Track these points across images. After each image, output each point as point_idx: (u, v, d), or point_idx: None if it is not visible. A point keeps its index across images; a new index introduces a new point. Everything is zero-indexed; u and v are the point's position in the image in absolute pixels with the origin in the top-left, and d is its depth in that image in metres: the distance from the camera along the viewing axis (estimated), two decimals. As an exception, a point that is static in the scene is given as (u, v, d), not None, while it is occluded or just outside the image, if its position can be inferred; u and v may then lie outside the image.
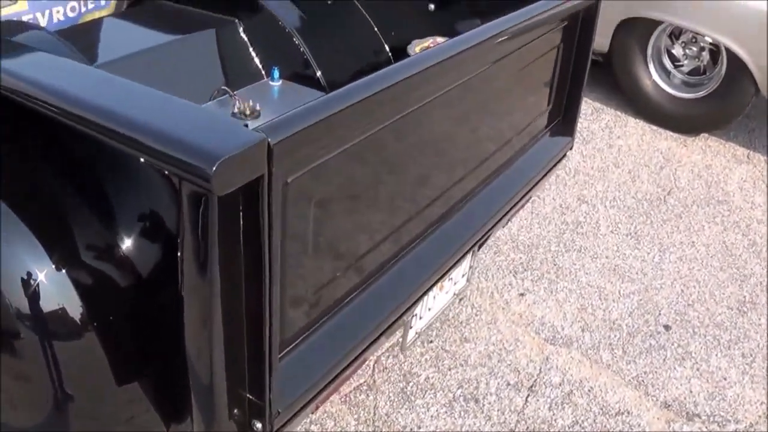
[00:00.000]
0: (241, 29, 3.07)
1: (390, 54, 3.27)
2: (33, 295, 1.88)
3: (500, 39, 2.36)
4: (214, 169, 1.40)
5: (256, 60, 3.06)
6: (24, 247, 1.90)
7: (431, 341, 3.49)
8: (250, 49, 3.07)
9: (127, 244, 1.98)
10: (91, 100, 1.71)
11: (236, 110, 2.64)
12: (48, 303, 1.89)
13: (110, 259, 1.97)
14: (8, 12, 3.23)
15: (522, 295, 3.88)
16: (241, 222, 1.59)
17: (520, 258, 4.13)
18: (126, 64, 2.74)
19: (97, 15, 3.48)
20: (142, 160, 1.61)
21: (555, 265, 4.11)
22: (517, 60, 2.65)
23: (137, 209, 2.03)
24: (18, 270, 1.89)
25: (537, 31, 2.65)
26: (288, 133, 1.58)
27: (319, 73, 3.01)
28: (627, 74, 5.62)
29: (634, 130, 5.58)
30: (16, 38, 2.56)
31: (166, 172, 1.76)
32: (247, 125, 1.57)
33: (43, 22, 3.32)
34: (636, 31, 5.47)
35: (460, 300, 3.65)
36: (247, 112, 2.63)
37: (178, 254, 1.67)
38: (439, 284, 2.55)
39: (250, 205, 1.58)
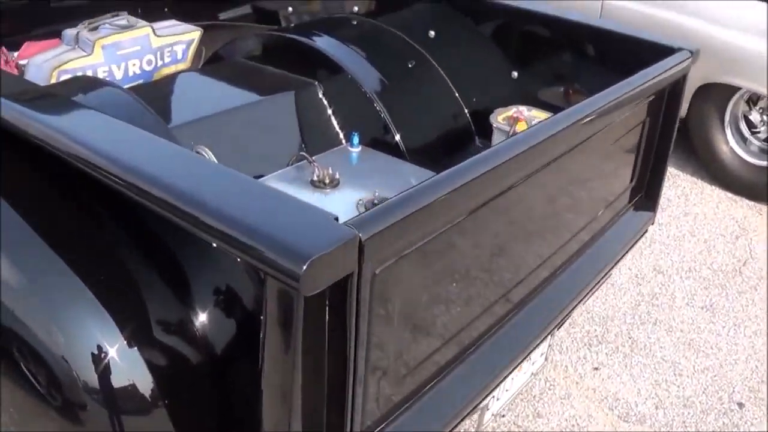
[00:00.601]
0: (320, 92, 3.01)
1: (470, 120, 3.19)
2: (104, 371, 1.80)
3: (597, 116, 2.26)
4: (303, 269, 1.32)
5: (335, 123, 3.00)
6: (95, 321, 1.82)
7: (503, 415, 3.36)
8: (329, 112, 3.00)
9: (201, 320, 1.90)
10: (171, 182, 1.63)
11: (315, 177, 2.57)
12: (119, 379, 1.81)
13: (183, 336, 1.89)
14: (84, 64, 3.23)
15: (596, 369, 3.74)
16: (327, 314, 1.50)
17: (595, 330, 3.99)
18: (202, 126, 2.71)
19: (173, 69, 3.46)
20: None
21: (630, 338, 3.97)
22: (604, 135, 2.56)
23: (213, 284, 1.95)
24: (89, 345, 1.81)
25: (628, 106, 2.55)
26: (379, 228, 1.49)
27: (398, 137, 2.94)
28: (703, 140, 5.48)
29: (710, 197, 5.42)
30: (89, 96, 2.52)
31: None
32: (337, 219, 1.48)
33: (118, 75, 3.31)
34: (714, 96, 5.33)
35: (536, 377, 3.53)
36: (326, 180, 2.56)
37: (261, 339, 1.58)
38: (518, 366, 2.44)
39: (336, 299, 1.49)
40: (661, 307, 4.25)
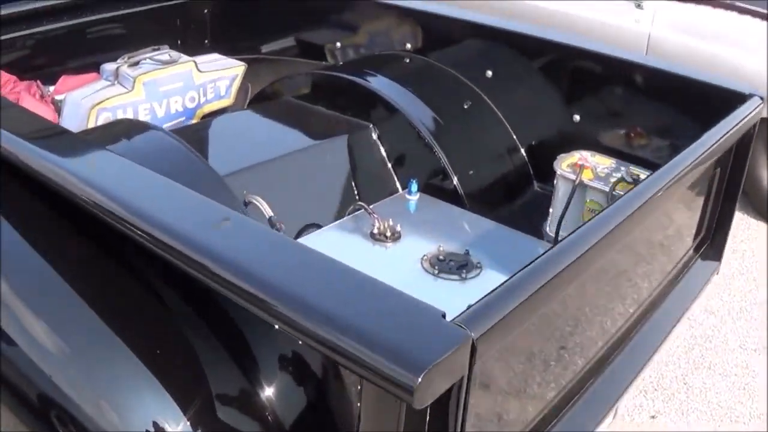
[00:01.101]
0: (375, 134, 2.89)
1: (528, 163, 3.05)
2: None
3: (686, 171, 2.12)
4: (418, 381, 1.16)
5: (390, 167, 2.87)
6: (153, 398, 1.67)
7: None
8: (384, 156, 2.88)
9: (269, 398, 1.74)
10: (255, 271, 1.45)
11: (375, 230, 2.45)
12: None
13: (250, 417, 1.73)
14: (124, 101, 3.11)
15: (653, 417, 3.61)
16: (428, 418, 1.34)
17: (651, 376, 3.85)
18: (254, 174, 2.58)
19: (216, 106, 3.34)
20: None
21: (685, 383, 3.83)
22: (678, 189, 2.43)
23: (282, 358, 1.80)
24: (146, 424, 1.66)
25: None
26: (491, 323, 1.34)
27: (455, 181, 2.80)
28: (749, 175, 5.30)
29: (757, 233, 5.26)
30: (135, 142, 2.41)
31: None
32: (444, 315, 1.32)
33: (160, 113, 3.19)
34: (758, 131, 5.16)
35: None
36: (388, 234, 2.44)
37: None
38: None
39: (440, 403, 1.32)
40: (715, 350, 4.10)
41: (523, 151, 3.07)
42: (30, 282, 1.84)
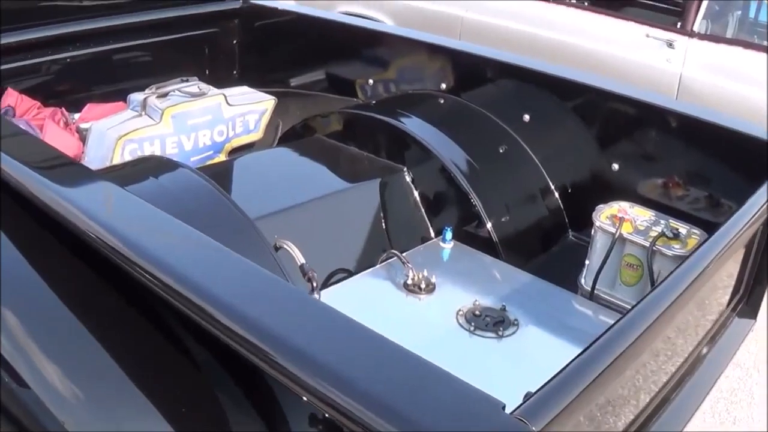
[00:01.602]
0: (408, 178, 2.81)
1: (564, 211, 2.98)
2: None
3: (741, 235, 2.05)
4: None
5: (424, 212, 2.80)
6: None
7: None
8: (418, 201, 2.81)
9: None
10: (295, 344, 1.36)
11: (409, 281, 2.37)
12: None
13: None
14: (151, 133, 3.05)
15: (679, 474, 3.49)
16: None
17: (677, 432, 3.75)
18: (285, 218, 2.51)
19: (245, 140, 3.28)
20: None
21: (711, 440, 3.72)
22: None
23: (316, 423, 1.71)
24: None
25: None
26: (553, 414, 1.26)
27: (489, 227, 2.73)
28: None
29: (785, 283, 5.16)
30: (162, 181, 2.34)
31: None
32: (504, 407, 1.23)
33: (188, 146, 3.13)
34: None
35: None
36: (422, 285, 2.36)
37: None
38: None
39: None
40: (740, 404, 4.00)
41: (558, 198, 2.99)
42: (48, 325, 1.77)
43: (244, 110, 3.28)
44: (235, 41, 4.03)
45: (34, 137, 2.58)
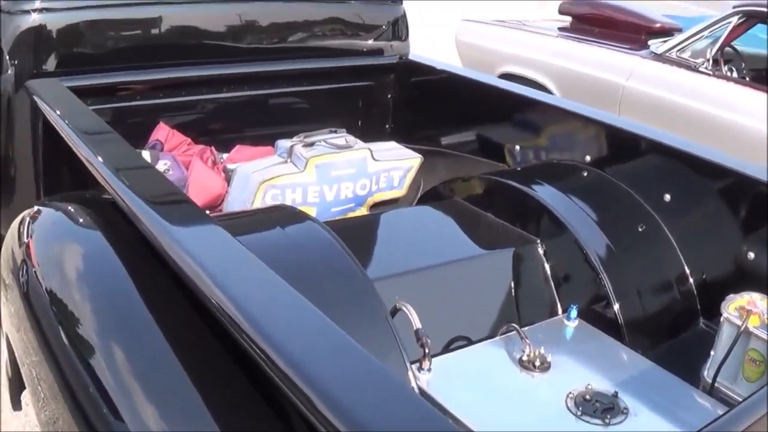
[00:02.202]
0: (540, 250, 2.71)
1: (697, 297, 2.81)
2: None
3: None
4: None
5: (552, 287, 2.69)
6: None
7: None
8: (547, 274, 2.70)
9: None
10: None
11: (525, 357, 2.26)
12: None
13: None
14: (293, 180, 3.05)
15: None
16: None
17: None
18: (409, 281, 2.45)
19: (387, 196, 3.24)
20: None
21: None
22: None
23: None
24: None
25: None
26: None
27: (616, 308, 2.59)
28: None
29: None
30: (287, 232, 2.32)
31: None
32: None
33: (329, 197, 3.11)
34: None
35: None
36: (537, 363, 2.25)
37: None
38: None
39: None
40: None
41: (692, 283, 2.82)
42: (151, 366, 1.77)
43: (389, 166, 3.24)
44: (389, 95, 4.02)
45: (160, 173, 2.61)
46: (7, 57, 3.13)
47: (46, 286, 2.12)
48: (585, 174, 3.04)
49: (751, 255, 2.75)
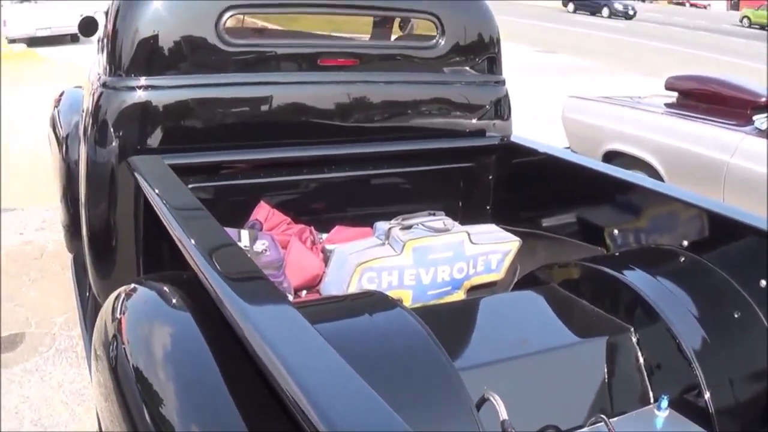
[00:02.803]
0: (634, 339, 2.65)
1: None
2: None
3: None
4: None
5: (644, 376, 2.62)
6: None
7: None
8: (641, 364, 2.63)
9: None
10: None
11: None
12: None
13: None
14: (391, 263, 3.07)
15: None
16: None
17: None
18: (498, 370, 2.43)
19: (485, 279, 3.23)
20: None
21: None
22: None
23: None
24: None
25: None
26: None
27: (707, 396, 2.50)
28: None
29: None
30: (375, 317, 2.32)
31: None
32: None
33: (425, 280, 3.12)
34: None
35: None
36: None
37: None
38: None
39: None
40: None
41: None
42: None
43: (487, 249, 3.22)
44: (490, 176, 4.01)
45: (246, 255, 2.65)
46: (112, 130, 3.24)
47: (133, 363, 2.17)
48: (681, 259, 2.98)
49: None
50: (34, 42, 20.25)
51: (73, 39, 21.30)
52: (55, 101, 5.56)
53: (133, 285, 2.60)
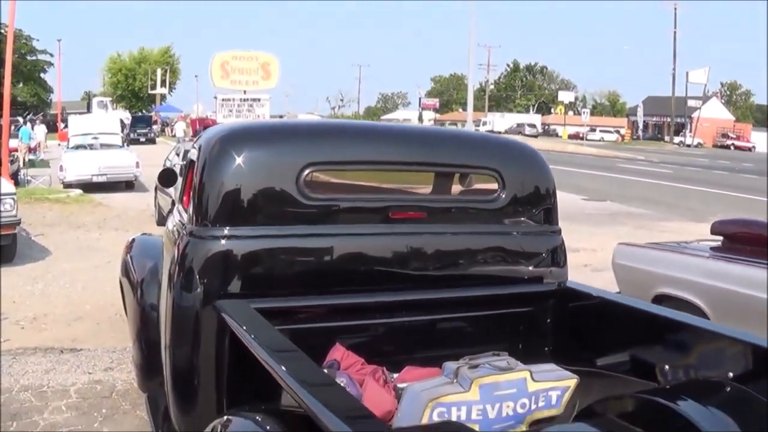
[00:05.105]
0: None
1: None
2: None
3: None
4: None
5: None
6: None
7: None
8: None
9: None
10: None
11: None
12: None
13: None
14: (459, 399, 3.33)
15: None
16: None
17: None
18: None
19: (545, 414, 3.46)
20: None
21: None
22: None
23: None
24: None
25: None
26: None
27: None
28: None
29: None
30: None
31: None
32: None
33: (491, 415, 3.35)
34: None
35: None
36: None
37: None
38: None
39: None
40: None
41: None
42: None
43: (548, 386, 3.45)
44: (548, 320, 4.27)
45: (346, 391, 2.93)
46: (197, 277, 3.58)
47: None
48: (728, 389, 3.18)
49: None
50: (89, 188, 21.11)
51: (127, 186, 22.12)
52: (126, 248, 5.97)
53: (226, 417, 2.89)
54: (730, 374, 3.29)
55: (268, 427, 2.71)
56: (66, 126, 30.57)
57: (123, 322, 7.20)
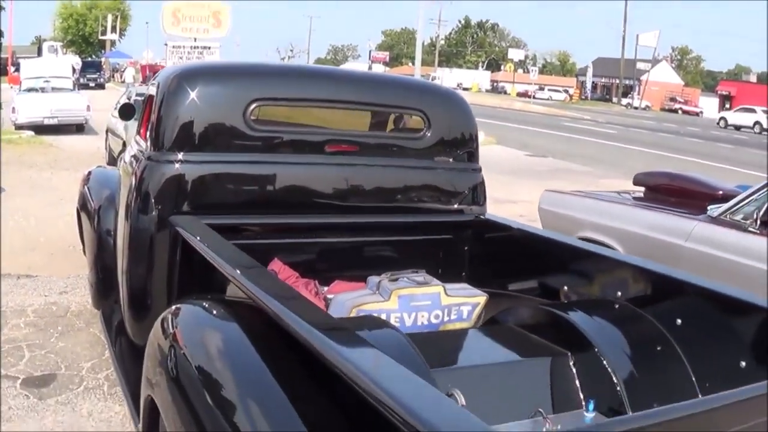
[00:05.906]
0: (570, 362, 3.28)
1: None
2: None
3: None
4: None
5: (579, 391, 3.22)
6: None
7: None
8: (576, 382, 3.24)
9: None
10: None
11: (544, 430, 2.89)
12: None
13: None
14: (379, 307, 3.73)
15: None
16: None
17: None
18: (459, 374, 3.12)
19: (457, 326, 3.87)
20: None
21: None
22: None
23: None
24: None
25: None
26: None
27: (629, 414, 3.04)
28: None
29: None
30: (373, 333, 2.98)
31: None
32: None
33: (408, 323, 3.76)
34: None
35: None
36: None
37: None
38: None
39: None
40: None
41: (699, 392, 3.24)
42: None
43: (460, 301, 3.88)
44: (466, 248, 4.72)
45: (281, 281, 3.52)
46: (153, 200, 3.98)
47: (195, 363, 2.83)
48: (616, 306, 3.62)
49: (743, 364, 3.19)
50: (41, 130, 21.23)
51: (78, 129, 22.18)
52: (83, 180, 6.36)
53: (175, 307, 3.27)
54: (619, 294, 3.73)
55: (214, 312, 3.09)
56: (17, 70, 30.37)
57: (76, 253, 7.59)
